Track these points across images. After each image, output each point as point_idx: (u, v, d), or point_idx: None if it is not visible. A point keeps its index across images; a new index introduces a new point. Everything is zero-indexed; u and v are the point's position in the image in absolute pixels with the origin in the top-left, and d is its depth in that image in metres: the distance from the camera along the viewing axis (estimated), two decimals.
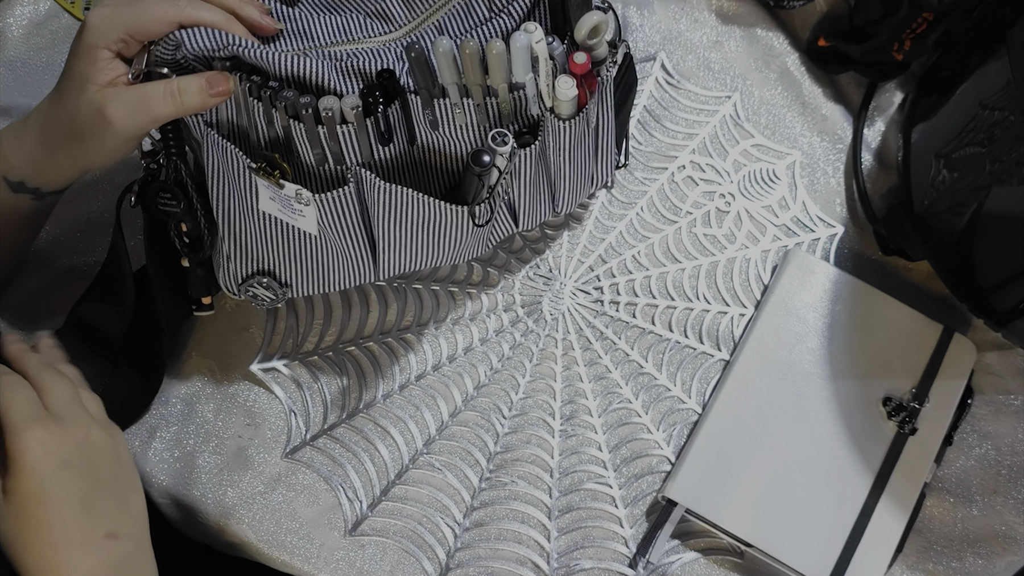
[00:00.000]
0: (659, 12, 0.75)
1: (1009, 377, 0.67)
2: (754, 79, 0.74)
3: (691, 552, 0.62)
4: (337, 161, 0.52)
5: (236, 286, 0.57)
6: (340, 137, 0.51)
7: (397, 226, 0.54)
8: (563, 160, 0.57)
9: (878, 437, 0.62)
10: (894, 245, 0.67)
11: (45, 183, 0.55)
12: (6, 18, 0.72)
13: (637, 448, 0.64)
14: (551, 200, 0.61)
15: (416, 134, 0.54)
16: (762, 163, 0.71)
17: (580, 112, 0.54)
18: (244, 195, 0.53)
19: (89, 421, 0.49)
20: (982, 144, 0.60)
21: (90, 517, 0.47)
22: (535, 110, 0.54)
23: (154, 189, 0.55)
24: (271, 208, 0.53)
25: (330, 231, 0.54)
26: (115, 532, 0.48)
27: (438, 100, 0.52)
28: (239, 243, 0.56)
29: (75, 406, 0.49)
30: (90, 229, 0.67)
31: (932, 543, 0.63)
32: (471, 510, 0.62)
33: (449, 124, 0.53)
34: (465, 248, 0.58)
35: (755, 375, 0.64)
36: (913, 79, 0.72)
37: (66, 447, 0.47)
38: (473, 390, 0.65)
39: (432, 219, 0.54)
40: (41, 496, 0.46)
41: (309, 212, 0.52)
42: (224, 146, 0.51)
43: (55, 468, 0.46)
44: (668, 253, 0.69)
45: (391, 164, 0.54)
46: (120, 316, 0.60)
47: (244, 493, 0.61)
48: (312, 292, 0.58)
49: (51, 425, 0.47)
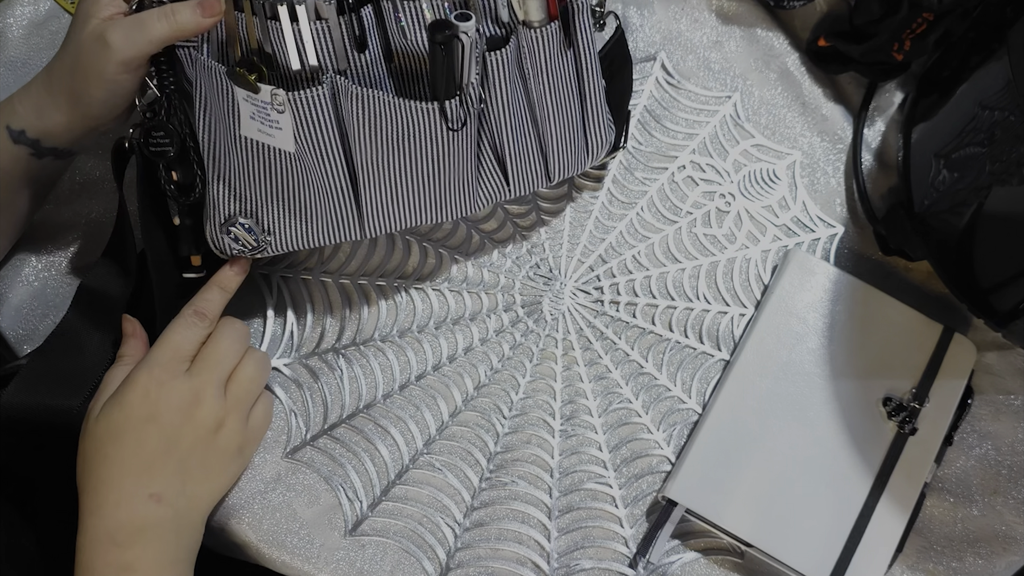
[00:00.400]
0: (659, 12, 0.75)
1: (1009, 377, 0.67)
2: (754, 79, 0.74)
3: (691, 552, 0.62)
4: (314, 71, 0.53)
5: (218, 228, 0.57)
6: (314, 34, 0.52)
7: (372, 142, 0.54)
8: (544, 91, 0.57)
9: (878, 437, 0.62)
10: (894, 245, 0.67)
11: (47, 134, 0.56)
12: (6, 18, 0.72)
13: (637, 448, 0.64)
14: (542, 157, 0.60)
15: (392, 45, 0.55)
16: (762, 163, 0.71)
17: (552, 22, 0.54)
18: (228, 121, 0.54)
19: (210, 398, 0.52)
20: (982, 144, 0.60)
21: (146, 475, 0.50)
22: (505, 15, 0.55)
23: (147, 128, 0.55)
24: (251, 130, 0.54)
25: (307, 147, 0.54)
26: (160, 496, 0.50)
27: (408, 2, 0.53)
28: (225, 181, 0.56)
29: (209, 372, 0.52)
30: (90, 229, 0.67)
31: (932, 543, 0.63)
32: (471, 510, 0.62)
33: (421, 30, 0.54)
34: (451, 188, 0.58)
35: (755, 375, 0.64)
36: (913, 79, 0.72)
37: (164, 406, 0.50)
38: (473, 390, 0.65)
39: (406, 128, 0.54)
40: (117, 433, 0.49)
41: (285, 122, 0.53)
42: (208, 64, 0.53)
43: (142, 416, 0.49)
44: (668, 253, 0.69)
45: (369, 80, 0.55)
46: (126, 285, 0.61)
47: (244, 493, 0.61)
48: (295, 246, 0.57)
49: (169, 379, 0.50)
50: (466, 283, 0.67)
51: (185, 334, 0.53)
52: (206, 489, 0.54)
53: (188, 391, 0.52)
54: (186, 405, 0.51)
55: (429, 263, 0.67)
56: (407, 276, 0.67)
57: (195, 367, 0.53)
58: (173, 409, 0.50)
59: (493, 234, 0.68)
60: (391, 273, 0.67)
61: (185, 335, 0.53)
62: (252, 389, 0.56)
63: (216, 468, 0.54)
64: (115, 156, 0.58)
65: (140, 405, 0.49)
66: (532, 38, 0.55)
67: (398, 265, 0.67)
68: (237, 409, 0.55)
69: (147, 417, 0.49)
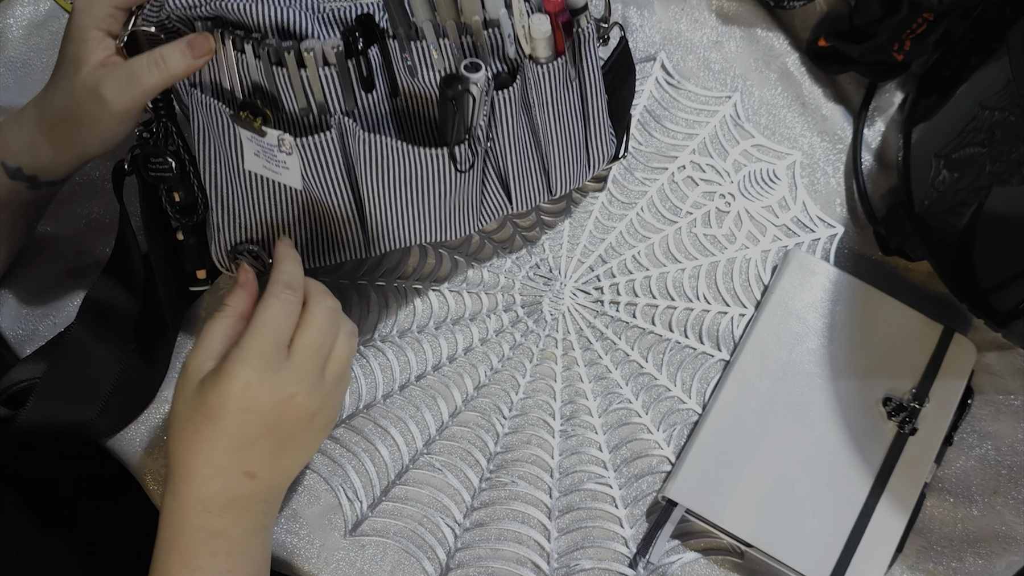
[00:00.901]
0: (659, 12, 0.75)
1: (1009, 377, 0.67)
2: (754, 79, 0.74)
3: (691, 552, 0.62)
4: (321, 111, 0.53)
5: (225, 255, 0.57)
6: (322, 80, 0.52)
7: (381, 181, 0.54)
8: (548, 118, 0.57)
9: (878, 437, 0.62)
10: (894, 245, 0.67)
11: (42, 170, 0.56)
12: (6, 18, 0.72)
13: (637, 448, 0.64)
14: (544, 175, 0.60)
15: (398, 82, 0.54)
16: (762, 163, 0.71)
17: (559, 58, 0.54)
18: (230, 155, 0.54)
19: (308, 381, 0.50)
20: (982, 144, 0.60)
21: (242, 454, 0.49)
22: (512, 52, 0.54)
23: (145, 154, 0.55)
24: (256, 165, 0.53)
25: (314, 184, 0.54)
26: (255, 473, 0.50)
27: (415, 43, 0.53)
28: (228, 209, 0.56)
29: (311, 360, 0.51)
30: (90, 230, 0.67)
31: (932, 543, 0.63)
32: (471, 510, 0.62)
33: (429, 69, 0.54)
34: (455, 214, 0.58)
35: (755, 375, 0.64)
36: (913, 79, 0.72)
37: (263, 399, 0.49)
38: (473, 390, 0.65)
39: (414, 170, 0.54)
40: (215, 417, 0.48)
41: (293, 163, 0.53)
42: (207, 102, 0.52)
43: (240, 407, 0.48)
44: (668, 253, 0.69)
45: (375, 118, 0.55)
46: (132, 299, 0.61)
47: None
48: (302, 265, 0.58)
49: (267, 374, 0.48)
50: (466, 283, 0.67)
51: (281, 314, 0.50)
52: (298, 462, 0.54)
53: (291, 383, 0.50)
54: (288, 396, 0.49)
55: (429, 263, 0.67)
56: (407, 276, 0.67)
57: (296, 357, 0.50)
58: (274, 401, 0.49)
59: (493, 234, 0.68)
60: (391, 273, 0.67)
61: (282, 315, 0.50)
62: (348, 366, 0.54)
63: (311, 444, 0.54)
64: (115, 177, 0.58)
65: (240, 397, 0.48)
66: (539, 73, 0.54)
67: (398, 265, 0.67)
68: (335, 390, 0.53)
69: (246, 408, 0.48)
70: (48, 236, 0.67)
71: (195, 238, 0.59)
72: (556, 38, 0.53)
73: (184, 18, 0.52)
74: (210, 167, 0.55)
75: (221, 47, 0.52)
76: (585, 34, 0.55)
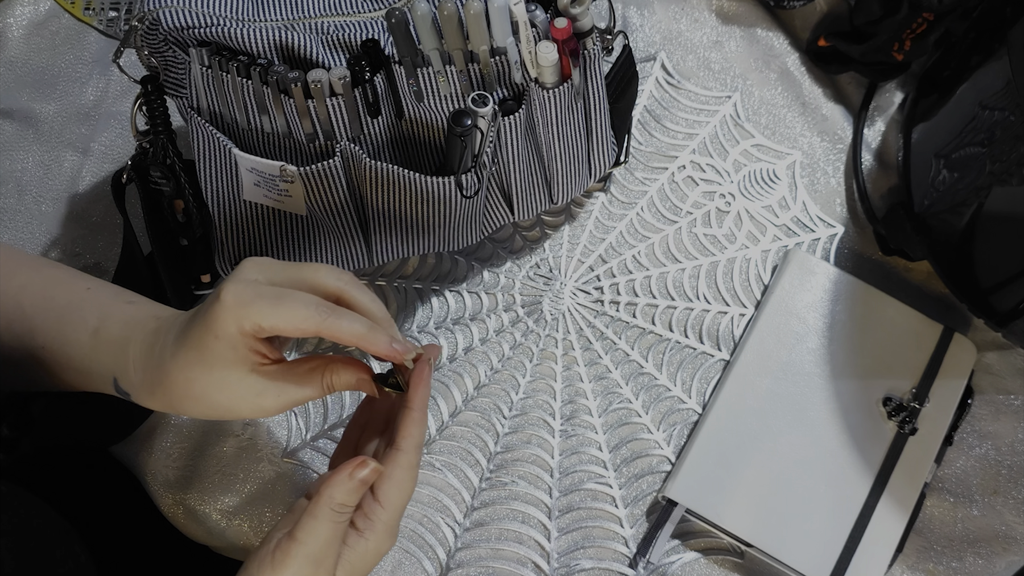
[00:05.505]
0: (659, 12, 0.75)
1: (1009, 377, 0.67)
2: (754, 79, 0.74)
3: (691, 552, 0.62)
4: (327, 137, 0.53)
5: (230, 266, 0.58)
6: (329, 110, 0.51)
7: (386, 204, 0.54)
8: (553, 137, 0.57)
9: (878, 437, 0.62)
10: (894, 245, 0.67)
11: (141, 400, 0.50)
12: (6, 18, 0.72)
13: (637, 448, 0.64)
14: (546, 187, 0.61)
15: (403, 107, 0.54)
16: (762, 163, 0.71)
17: (564, 82, 0.54)
18: (231, 184, 0.54)
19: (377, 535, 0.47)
20: (982, 144, 0.60)
21: None
22: (518, 77, 0.54)
23: (145, 165, 0.56)
24: (256, 195, 0.53)
25: (318, 210, 0.54)
26: None
27: (421, 69, 0.52)
28: (231, 226, 0.56)
29: (392, 540, 0.48)
30: (90, 230, 0.67)
31: (932, 543, 0.63)
32: (471, 510, 0.62)
33: (434, 94, 0.54)
34: (457, 229, 0.58)
35: (755, 375, 0.64)
36: (913, 79, 0.72)
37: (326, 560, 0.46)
38: (473, 390, 0.65)
39: (420, 195, 0.54)
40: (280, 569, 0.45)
41: (296, 191, 0.53)
42: (207, 130, 0.52)
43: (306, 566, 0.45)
44: (668, 253, 0.69)
45: (380, 141, 0.55)
46: None
47: (244, 494, 0.61)
48: None
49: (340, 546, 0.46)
50: (466, 283, 0.67)
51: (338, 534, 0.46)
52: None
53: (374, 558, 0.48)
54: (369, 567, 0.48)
55: (429, 263, 0.67)
56: (407, 276, 0.67)
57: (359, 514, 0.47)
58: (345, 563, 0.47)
59: (493, 234, 0.68)
60: (391, 273, 0.67)
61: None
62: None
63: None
64: (115, 188, 0.58)
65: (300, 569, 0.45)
66: (544, 97, 0.54)
67: (398, 265, 0.67)
68: (394, 538, 0.50)
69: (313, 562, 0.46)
70: (48, 236, 0.67)
71: (200, 245, 0.59)
72: (563, 63, 0.53)
73: (179, 41, 0.51)
74: (212, 185, 0.55)
75: (221, 73, 0.51)
76: (591, 55, 0.55)
